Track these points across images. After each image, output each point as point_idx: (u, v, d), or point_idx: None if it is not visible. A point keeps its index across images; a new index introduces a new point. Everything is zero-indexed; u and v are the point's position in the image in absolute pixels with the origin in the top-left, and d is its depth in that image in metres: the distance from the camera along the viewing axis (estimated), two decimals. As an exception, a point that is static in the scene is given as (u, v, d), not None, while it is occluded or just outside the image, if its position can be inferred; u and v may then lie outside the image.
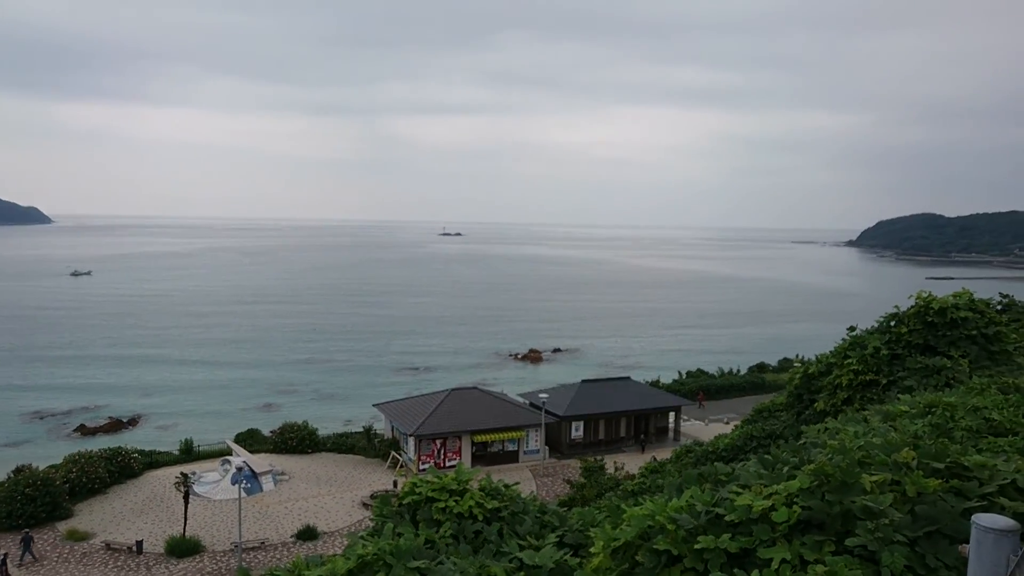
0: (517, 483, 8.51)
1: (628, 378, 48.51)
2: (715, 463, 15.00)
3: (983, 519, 2.67)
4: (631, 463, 34.63)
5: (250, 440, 41.04)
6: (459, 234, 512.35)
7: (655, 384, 52.83)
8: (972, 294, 12.66)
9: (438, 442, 38.43)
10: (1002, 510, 4.66)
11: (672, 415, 45.00)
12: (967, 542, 3.43)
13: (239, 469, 29.70)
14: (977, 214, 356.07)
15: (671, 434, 44.61)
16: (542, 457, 40.50)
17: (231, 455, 36.32)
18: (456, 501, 7.33)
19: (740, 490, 5.09)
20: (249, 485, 32.41)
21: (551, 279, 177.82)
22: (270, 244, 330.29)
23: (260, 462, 35.99)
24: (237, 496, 28.50)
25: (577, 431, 42.03)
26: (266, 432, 42.59)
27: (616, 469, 31.56)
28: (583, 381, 46.30)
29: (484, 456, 39.29)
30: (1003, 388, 8.72)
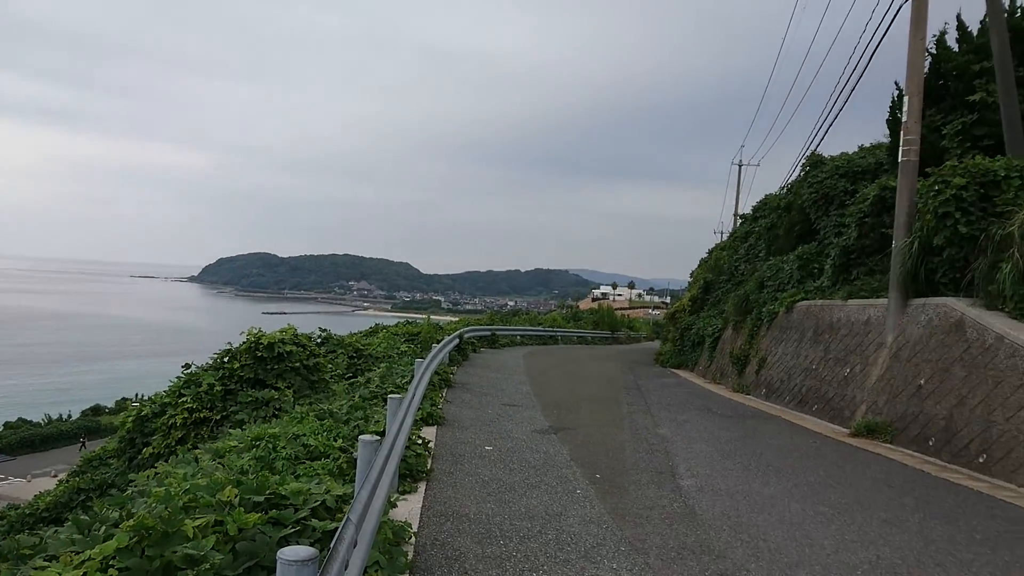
0: None
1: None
2: (27, 531, 12.96)
3: (286, 553, 2.79)
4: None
5: None
6: None
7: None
8: (296, 329, 13.92)
9: None
10: (313, 531, 5.07)
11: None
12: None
13: None
14: (306, 255, 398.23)
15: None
16: None
17: None
18: None
19: (47, 564, 4.41)
20: None
21: None
22: None
23: None
24: None
25: None
26: None
27: None
28: None
29: None
30: (319, 414, 9.68)
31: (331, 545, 3.21)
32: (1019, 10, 15.11)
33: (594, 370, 22.11)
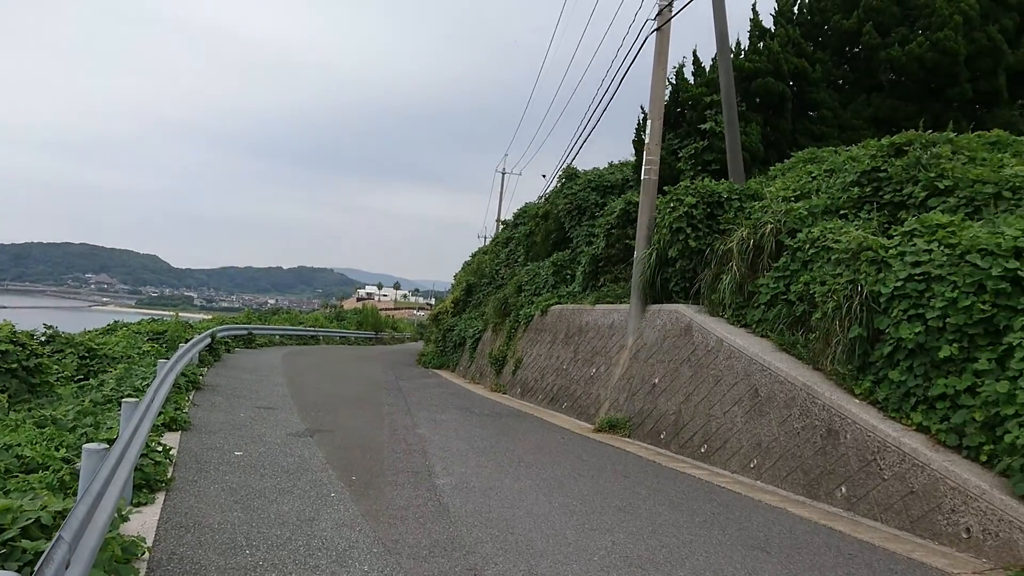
0: None
1: None
2: None
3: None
4: None
5: None
6: None
7: None
8: (13, 326, 12.30)
9: None
10: (24, 552, 4.49)
11: None
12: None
13: None
14: (33, 243, 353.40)
15: None
16: None
17: None
18: None
19: None
20: None
21: None
22: None
23: None
24: None
25: None
26: None
27: None
28: None
29: None
30: (40, 421, 8.62)
31: (37, 567, 2.85)
32: (743, 52, 17.14)
33: (356, 371, 21.82)
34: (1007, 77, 16.32)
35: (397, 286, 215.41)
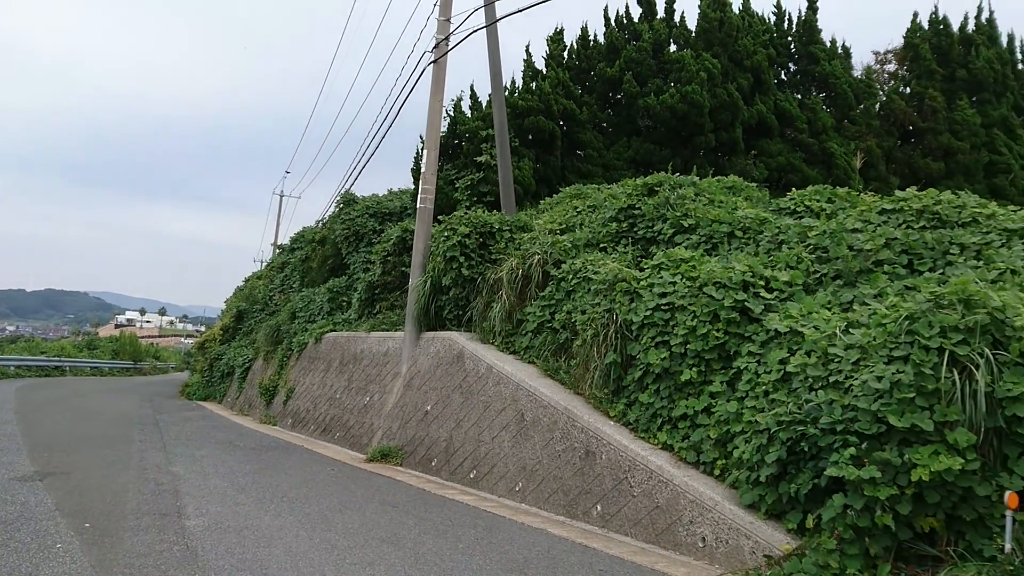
0: None
1: None
2: None
3: None
4: None
5: None
6: None
7: None
8: None
9: None
10: None
11: None
12: None
13: None
14: None
15: None
16: None
17: None
18: None
19: None
20: None
21: None
22: None
23: None
24: None
25: None
26: None
27: None
28: None
29: None
30: None
31: None
32: (517, 90, 17.90)
33: (106, 405, 19.83)
34: (743, 130, 18.41)
35: (163, 312, 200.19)
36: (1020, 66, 22.28)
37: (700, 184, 11.18)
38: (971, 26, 21.58)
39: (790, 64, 20.76)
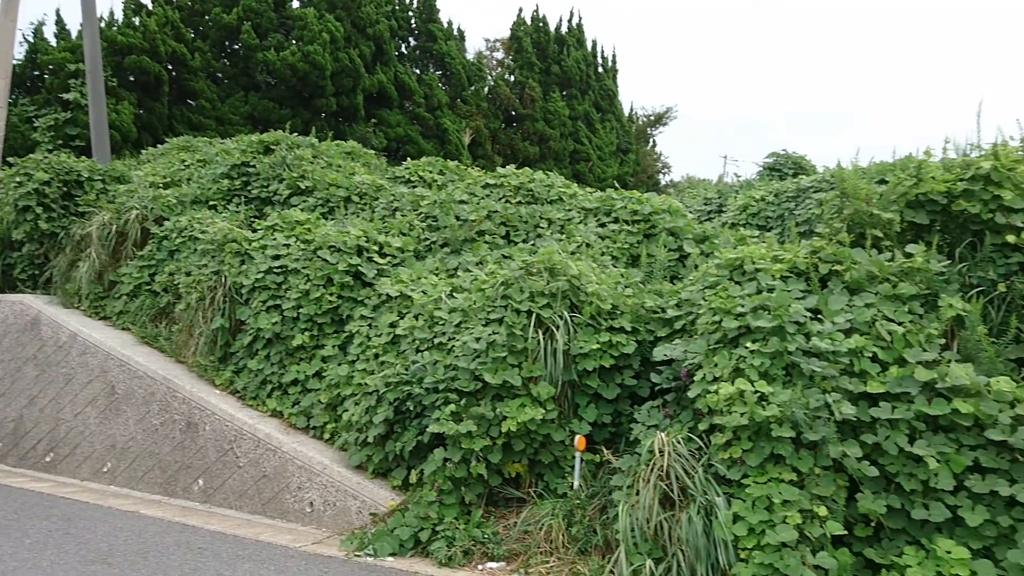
0: None
1: None
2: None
3: None
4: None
5: None
6: None
7: None
8: None
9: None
10: None
11: None
12: None
13: None
14: None
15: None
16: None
17: None
18: None
19: None
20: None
21: None
22: None
23: None
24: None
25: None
26: None
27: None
28: None
29: None
30: None
31: None
32: (116, 24, 15.87)
33: None
34: (364, 98, 18.59)
35: None
36: (600, 69, 25.82)
37: (319, 147, 10.98)
38: (564, 28, 24.41)
39: (411, 39, 21.48)
